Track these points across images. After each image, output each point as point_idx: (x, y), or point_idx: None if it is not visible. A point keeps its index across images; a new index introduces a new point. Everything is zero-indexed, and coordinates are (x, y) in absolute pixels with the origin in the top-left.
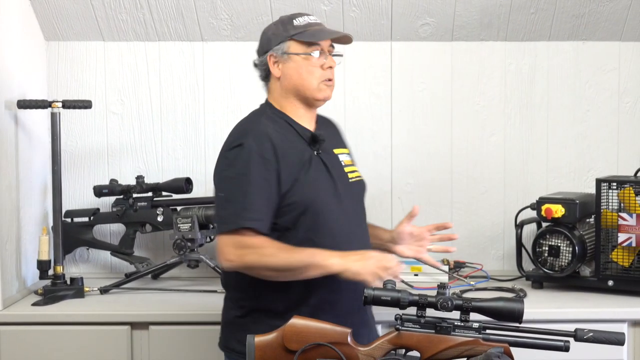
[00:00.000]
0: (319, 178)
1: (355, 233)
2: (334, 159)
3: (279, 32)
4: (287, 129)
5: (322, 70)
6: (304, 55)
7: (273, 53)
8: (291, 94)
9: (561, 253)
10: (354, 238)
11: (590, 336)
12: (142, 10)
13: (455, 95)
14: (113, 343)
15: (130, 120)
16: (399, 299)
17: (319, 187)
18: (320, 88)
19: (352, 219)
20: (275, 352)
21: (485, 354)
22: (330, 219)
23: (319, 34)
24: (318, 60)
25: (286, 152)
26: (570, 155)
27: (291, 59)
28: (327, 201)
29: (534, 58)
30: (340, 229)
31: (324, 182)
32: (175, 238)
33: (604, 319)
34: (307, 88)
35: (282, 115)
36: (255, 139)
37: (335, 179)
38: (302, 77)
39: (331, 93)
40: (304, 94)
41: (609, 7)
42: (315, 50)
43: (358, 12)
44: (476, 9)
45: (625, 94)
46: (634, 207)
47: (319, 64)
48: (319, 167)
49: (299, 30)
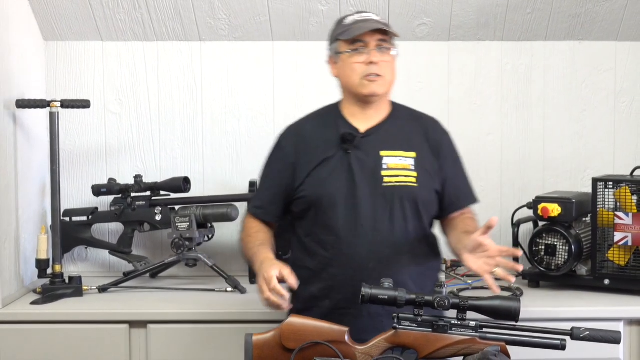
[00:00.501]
0: (334, 176)
1: (367, 236)
2: (371, 160)
3: (332, 33)
4: (331, 125)
5: (365, 66)
6: (347, 53)
7: (330, 54)
8: (346, 92)
9: (558, 252)
10: (362, 241)
11: (587, 335)
12: (140, 11)
13: (452, 94)
14: (111, 341)
15: (129, 119)
16: (396, 298)
17: (329, 185)
18: (362, 84)
19: (367, 222)
20: (273, 351)
21: (482, 352)
22: (335, 217)
23: (353, 30)
24: (361, 57)
25: (310, 148)
26: (567, 155)
27: (340, 58)
28: (335, 200)
29: (530, 58)
30: (345, 229)
31: (337, 181)
32: (174, 237)
33: (601, 318)
34: (351, 85)
35: (336, 112)
36: (286, 135)
37: (357, 180)
38: (346, 75)
39: (380, 88)
40: (351, 91)
41: (605, 7)
42: (357, 47)
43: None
44: (473, 9)
45: (622, 93)
46: (630, 206)
47: (361, 60)
48: (339, 166)
49: (344, 29)
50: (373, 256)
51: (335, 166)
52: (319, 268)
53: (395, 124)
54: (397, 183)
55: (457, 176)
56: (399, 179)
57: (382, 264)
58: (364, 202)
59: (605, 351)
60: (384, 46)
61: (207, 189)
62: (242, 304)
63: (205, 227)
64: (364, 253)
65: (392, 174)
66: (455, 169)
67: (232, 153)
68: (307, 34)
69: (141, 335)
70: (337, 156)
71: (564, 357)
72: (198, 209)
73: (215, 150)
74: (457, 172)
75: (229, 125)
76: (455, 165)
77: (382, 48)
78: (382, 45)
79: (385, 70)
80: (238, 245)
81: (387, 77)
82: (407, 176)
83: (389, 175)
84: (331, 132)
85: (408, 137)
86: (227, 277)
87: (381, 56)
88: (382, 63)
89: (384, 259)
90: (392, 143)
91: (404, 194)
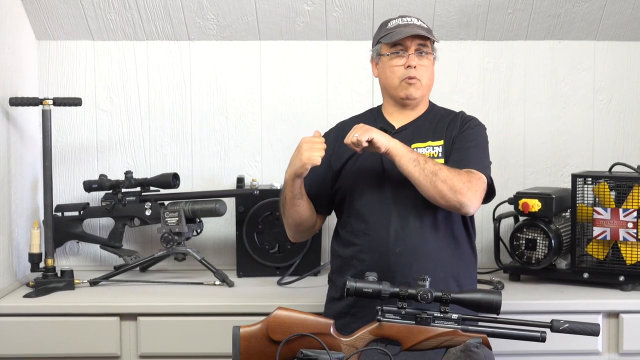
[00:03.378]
0: (366, 166)
1: (394, 222)
2: None
3: (375, 35)
4: (370, 122)
5: (404, 69)
6: (388, 56)
7: (372, 55)
8: (385, 93)
9: (538, 246)
10: (390, 227)
11: (566, 327)
12: (130, 11)
13: (434, 92)
14: (102, 334)
15: (119, 117)
16: (380, 291)
17: (361, 174)
18: (401, 86)
19: (398, 209)
20: (259, 343)
21: (464, 344)
22: (365, 206)
23: (395, 34)
24: (400, 60)
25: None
26: (547, 151)
27: (381, 60)
28: (365, 190)
29: (511, 57)
30: (374, 216)
31: (369, 172)
32: (163, 232)
33: (580, 311)
34: (390, 87)
35: (377, 112)
36: (328, 132)
37: (388, 170)
38: (386, 77)
39: (416, 92)
40: (389, 92)
41: (584, 7)
42: (397, 50)
43: (340, 12)
44: (455, 9)
45: (600, 91)
46: (609, 202)
47: (401, 63)
48: (371, 157)
49: (387, 33)
50: (400, 242)
51: (367, 158)
52: (350, 255)
53: (429, 119)
54: None
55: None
56: None
57: (408, 249)
58: (392, 189)
59: (584, 343)
60: (423, 50)
61: (195, 185)
62: (229, 297)
63: (193, 221)
64: (391, 238)
65: None
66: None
67: (220, 150)
68: (293, 33)
69: (131, 328)
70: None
71: (544, 349)
72: (187, 204)
73: (203, 147)
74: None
75: (217, 122)
76: (467, 139)
77: (421, 52)
78: (422, 50)
79: (422, 74)
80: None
81: (424, 81)
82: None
83: None
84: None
85: (437, 127)
86: (215, 271)
87: (419, 60)
88: (420, 67)
89: (411, 244)
90: (423, 135)
91: None
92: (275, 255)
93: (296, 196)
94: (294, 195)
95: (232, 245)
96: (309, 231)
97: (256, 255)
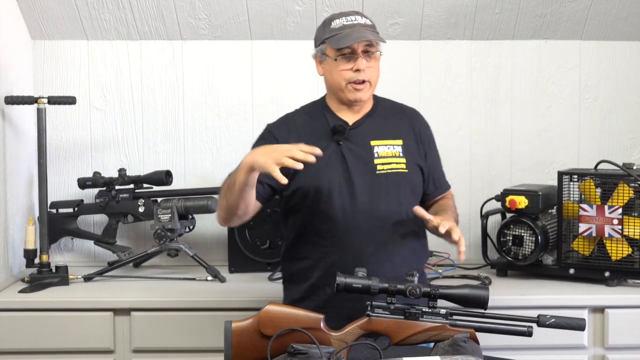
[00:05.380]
0: (329, 167)
1: (364, 221)
2: (363, 150)
3: (319, 33)
4: (320, 119)
5: (352, 73)
6: (335, 60)
7: (316, 54)
8: (330, 92)
9: (524, 242)
10: (360, 227)
11: (553, 322)
12: (124, 11)
13: (423, 91)
14: (96, 328)
15: (113, 115)
16: (370, 287)
17: (324, 175)
18: (349, 89)
19: (366, 209)
20: (251, 337)
21: (452, 339)
22: (332, 206)
23: (344, 39)
24: (348, 63)
25: (302, 140)
26: (534, 149)
27: (326, 60)
28: (331, 190)
29: (498, 56)
30: (342, 217)
31: (332, 172)
32: (156, 228)
33: (566, 306)
34: (337, 89)
35: (323, 107)
36: (276, 125)
37: (351, 169)
38: (333, 79)
39: (365, 95)
40: (336, 94)
41: (570, 7)
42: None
43: (330, 12)
44: (443, 9)
45: (586, 90)
46: (594, 199)
47: (349, 67)
48: (332, 157)
49: (332, 34)
50: (372, 240)
51: (329, 157)
52: (318, 257)
53: (381, 115)
54: (390, 170)
55: (436, 164)
56: (390, 166)
57: (380, 248)
58: (359, 190)
59: (570, 337)
60: (370, 51)
61: (188, 182)
62: (221, 292)
63: (186, 218)
64: (362, 238)
65: (383, 161)
66: (435, 158)
67: (212, 147)
68: (284, 33)
69: (125, 322)
70: (329, 148)
71: (531, 343)
72: (179, 201)
73: (196, 145)
74: (437, 161)
75: (209, 120)
76: (435, 154)
77: (368, 53)
78: (369, 50)
79: (372, 75)
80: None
81: (373, 81)
82: (397, 163)
83: (381, 163)
84: (320, 125)
85: (394, 126)
86: (208, 267)
87: (368, 62)
88: (368, 69)
89: (382, 242)
90: (380, 133)
91: (397, 180)
92: (266, 251)
93: (248, 184)
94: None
95: (224, 242)
96: (242, 218)
97: (247, 252)
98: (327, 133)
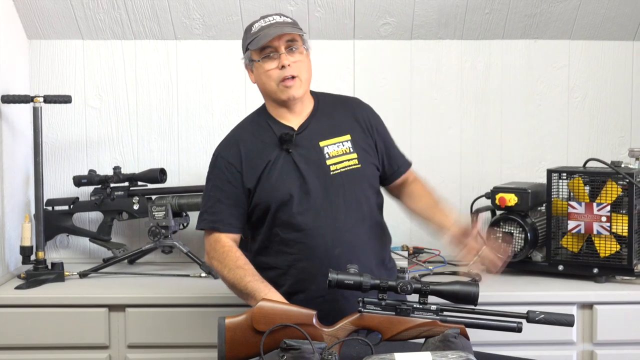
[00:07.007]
0: (283, 176)
1: (327, 225)
2: (314, 153)
3: (242, 41)
4: (265, 129)
5: (279, 71)
6: (260, 62)
7: (246, 62)
8: (267, 97)
9: (514, 239)
10: (324, 231)
11: (542, 318)
12: (118, 10)
13: (414, 90)
14: (91, 324)
15: (108, 114)
16: (361, 283)
17: (281, 185)
18: (280, 89)
19: (326, 212)
20: (244, 333)
21: (443, 334)
22: (293, 215)
23: (260, 38)
24: (272, 62)
25: (252, 155)
26: (523, 147)
27: (254, 66)
28: (290, 198)
29: (488, 55)
30: (305, 224)
31: (288, 181)
32: (150, 225)
33: (555, 302)
34: (270, 92)
35: (266, 116)
36: (224, 147)
37: (306, 175)
38: (263, 82)
39: (297, 91)
40: (271, 97)
41: (559, 7)
42: (267, 54)
43: (323, 12)
44: (434, 9)
45: (575, 89)
46: (583, 196)
47: (274, 66)
48: (285, 166)
49: (252, 38)
50: (337, 242)
51: (282, 167)
52: (286, 265)
53: (324, 113)
54: (343, 168)
55: (390, 146)
56: (343, 164)
57: (346, 248)
58: (317, 194)
59: (559, 333)
60: (293, 46)
61: (182, 180)
62: (215, 288)
63: (180, 215)
64: (328, 241)
65: (335, 161)
66: (388, 141)
67: (205, 146)
68: None
69: (120, 318)
70: (280, 157)
71: (521, 339)
72: (173, 198)
73: (190, 143)
74: (390, 143)
75: (202, 119)
76: (386, 137)
77: (292, 49)
78: (292, 46)
79: (300, 69)
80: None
81: (303, 76)
82: (349, 159)
83: (334, 163)
84: (267, 135)
85: (339, 123)
86: (201, 263)
87: (292, 57)
88: (294, 64)
89: (347, 242)
90: (327, 132)
91: (352, 177)
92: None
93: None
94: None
95: None
96: None
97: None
98: (275, 143)
